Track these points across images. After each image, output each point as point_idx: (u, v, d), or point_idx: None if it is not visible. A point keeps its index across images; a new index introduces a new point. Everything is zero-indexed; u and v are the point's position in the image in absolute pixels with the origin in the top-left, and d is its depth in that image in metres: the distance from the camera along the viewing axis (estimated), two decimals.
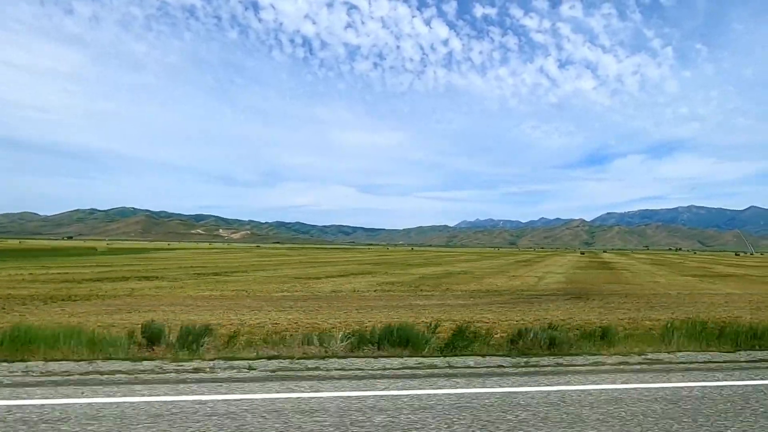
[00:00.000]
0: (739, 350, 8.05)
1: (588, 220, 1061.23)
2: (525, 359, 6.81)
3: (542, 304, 17.09)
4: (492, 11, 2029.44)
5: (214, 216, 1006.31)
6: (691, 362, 6.92)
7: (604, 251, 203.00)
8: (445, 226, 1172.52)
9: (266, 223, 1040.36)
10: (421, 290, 21.81)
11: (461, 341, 8.79)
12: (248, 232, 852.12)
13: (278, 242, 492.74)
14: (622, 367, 6.49)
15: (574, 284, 26.85)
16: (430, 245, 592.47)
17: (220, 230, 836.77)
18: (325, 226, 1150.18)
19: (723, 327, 10.63)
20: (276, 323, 11.87)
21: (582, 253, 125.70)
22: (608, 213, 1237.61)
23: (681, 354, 7.43)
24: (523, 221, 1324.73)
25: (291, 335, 9.03)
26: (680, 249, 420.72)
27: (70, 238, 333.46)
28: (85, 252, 76.54)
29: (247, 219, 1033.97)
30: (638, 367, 6.47)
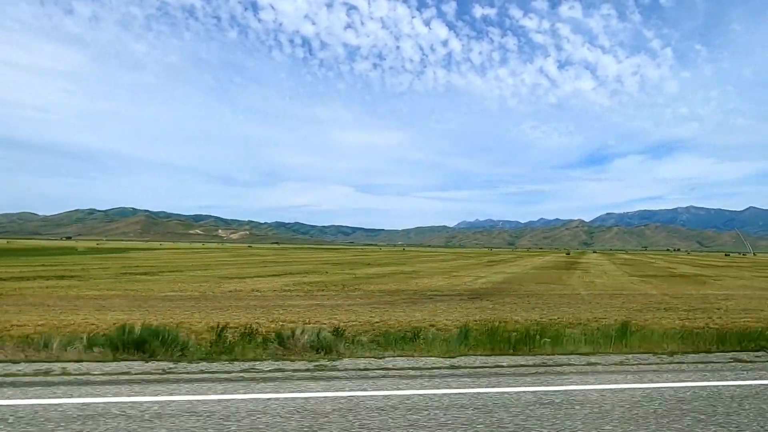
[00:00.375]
0: (500, 354, 7.55)
1: (587, 220, 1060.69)
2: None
3: (425, 305, 16.55)
4: (491, 12, 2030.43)
5: (213, 216, 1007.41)
6: (408, 368, 6.37)
7: (594, 251, 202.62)
8: (445, 227, 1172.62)
9: (265, 223, 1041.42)
10: (328, 290, 21.29)
11: (224, 344, 8.37)
12: (247, 232, 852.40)
13: (276, 242, 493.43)
14: (307, 373, 5.94)
15: (501, 284, 26.31)
16: (429, 245, 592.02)
17: (219, 230, 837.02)
18: (324, 227, 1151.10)
19: (527, 331, 10.19)
20: (93, 324, 11.35)
21: (567, 254, 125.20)
22: (607, 213, 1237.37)
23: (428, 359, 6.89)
24: (523, 221, 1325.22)
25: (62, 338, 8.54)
26: (678, 249, 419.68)
27: (68, 238, 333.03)
28: (62, 251, 76.23)
29: (246, 219, 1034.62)
30: (328, 373, 5.91)
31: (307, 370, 5.99)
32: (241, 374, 5.78)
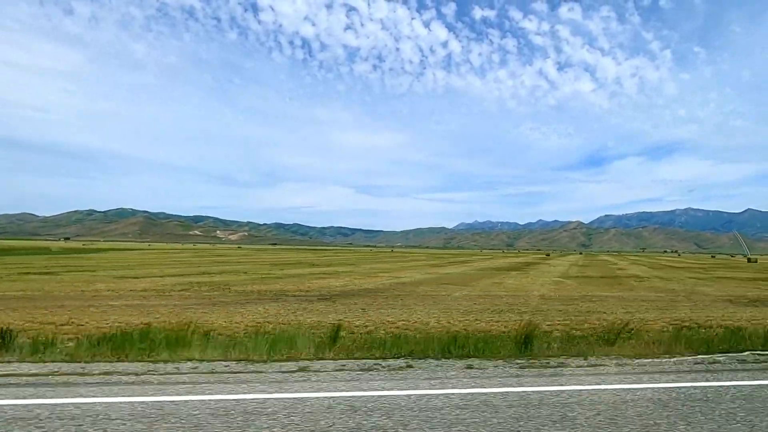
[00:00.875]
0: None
1: (586, 222, 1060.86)
2: None
3: (252, 306, 15.77)
4: (491, 13, 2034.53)
5: (212, 217, 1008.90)
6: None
7: (580, 253, 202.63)
8: (444, 228, 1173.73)
9: (264, 224, 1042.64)
10: (196, 290, 20.56)
11: None
12: (246, 233, 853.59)
13: (274, 243, 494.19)
14: None
15: (398, 285, 25.50)
16: (427, 247, 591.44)
17: (218, 231, 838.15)
18: (323, 228, 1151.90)
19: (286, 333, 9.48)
20: None
21: (547, 255, 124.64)
22: (606, 215, 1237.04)
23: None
24: (521, 223, 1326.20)
25: None
26: (675, 251, 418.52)
27: (67, 239, 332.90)
28: (33, 252, 75.66)
29: (245, 220, 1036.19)
30: None
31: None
32: None
